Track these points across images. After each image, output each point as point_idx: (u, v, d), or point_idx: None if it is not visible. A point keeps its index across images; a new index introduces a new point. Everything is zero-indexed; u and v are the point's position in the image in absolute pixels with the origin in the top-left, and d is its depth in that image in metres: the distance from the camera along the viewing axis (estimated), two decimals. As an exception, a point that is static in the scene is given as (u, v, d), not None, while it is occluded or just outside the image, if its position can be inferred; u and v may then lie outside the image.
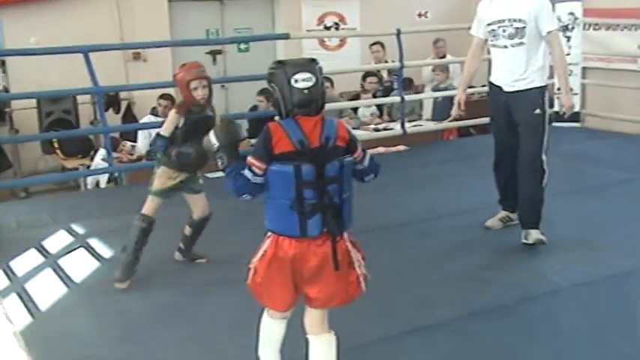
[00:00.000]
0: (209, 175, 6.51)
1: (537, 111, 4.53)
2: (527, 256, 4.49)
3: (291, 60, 2.78)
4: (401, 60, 7.69)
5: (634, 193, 5.58)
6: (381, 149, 7.32)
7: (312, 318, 2.80)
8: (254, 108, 7.99)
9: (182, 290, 4.14)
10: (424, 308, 3.80)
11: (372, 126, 8.15)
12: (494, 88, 4.78)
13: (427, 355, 3.38)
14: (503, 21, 4.56)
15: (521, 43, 4.51)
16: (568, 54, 8.48)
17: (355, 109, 8.54)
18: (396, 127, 7.84)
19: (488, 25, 4.68)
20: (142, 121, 7.83)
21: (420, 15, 10.61)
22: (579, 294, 3.94)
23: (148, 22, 8.61)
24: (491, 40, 4.71)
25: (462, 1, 10.86)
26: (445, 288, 4.06)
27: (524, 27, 4.48)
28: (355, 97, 8.79)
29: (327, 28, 9.91)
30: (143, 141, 7.45)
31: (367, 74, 8.85)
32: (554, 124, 8.61)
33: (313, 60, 2.75)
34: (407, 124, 7.78)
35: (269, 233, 2.75)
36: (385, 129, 7.97)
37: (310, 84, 2.66)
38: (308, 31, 9.78)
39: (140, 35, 8.46)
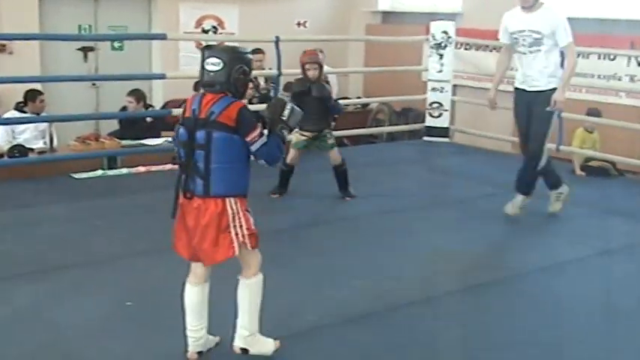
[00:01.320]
0: (76, 175, 6.29)
1: (548, 108, 5.34)
2: (386, 264, 4.60)
3: (214, 46, 3.39)
4: (279, 68, 7.68)
5: (494, 207, 5.81)
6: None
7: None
8: (124, 109, 7.76)
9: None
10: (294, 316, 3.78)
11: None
12: (518, 91, 5.57)
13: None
14: (524, 31, 5.35)
15: (538, 51, 5.30)
16: (440, 71, 8.83)
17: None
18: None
19: (512, 33, 5.45)
20: (4, 116, 7.40)
21: (299, 24, 10.67)
22: (439, 305, 4.05)
23: (15, 15, 8.17)
24: (514, 47, 5.50)
25: (340, 13, 11.03)
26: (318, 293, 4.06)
27: (541, 38, 5.27)
28: (231, 103, 8.66)
29: (206, 32, 9.76)
30: (4, 136, 7.06)
31: (244, 80, 8.75)
32: (425, 138, 8.97)
33: (234, 49, 3.32)
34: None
35: None
36: (261, 136, 7.90)
37: (216, 68, 3.14)
38: (186, 33, 9.60)
39: (7, 28, 8.01)
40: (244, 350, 3.33)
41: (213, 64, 3.14)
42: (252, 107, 8.09)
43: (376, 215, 5.73)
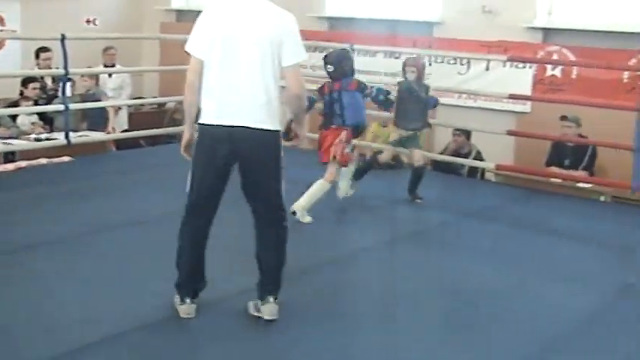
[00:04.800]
0: None
1: None
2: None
3: None
4: (65, 67, 7.27)
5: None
6: (43, 160, 6.85)
7: None
8: None
9: None
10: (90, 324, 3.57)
11: (34, 135, 7.57)
12: None
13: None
14: None
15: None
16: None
17: (14, 117, 7.87)
18: (60, 137, 7.35)
19: None
20: None
21: (88, 21, 10.22)
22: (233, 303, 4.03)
23: None
24: None
25: (132, 11, 10.71)
26: (114, 303, 3.87)
27: None
28: (14, 105, 8.09)
29: (-15, 28, 9.06)
30: None
31: (28, 80, 8.19)
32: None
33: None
34: (72, 134, 7.34)
35: None
36: (48, 139, 7.43)
37: None
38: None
39: None
40: (293, 213, 5.11)
41: None
42: (38, 108, 7.90)
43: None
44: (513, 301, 4.21)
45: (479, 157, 7.78)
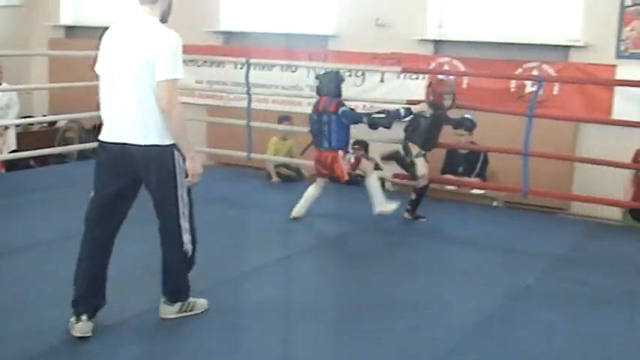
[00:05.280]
0: None
1: None
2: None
3: None
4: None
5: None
6: None
7: None
8: None
9: None
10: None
11: None
12: None
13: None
14: None
15: None
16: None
17: None
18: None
19: None
20: None
21: (-29, 38, 9.78)
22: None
23: None
24: None
25: (19, 27, 10.32)
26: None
27: None
28: None
29: None
30: None
31: None
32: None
33: None
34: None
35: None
36: None
37: None
38: None
39: None
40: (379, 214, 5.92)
41: None
42: None
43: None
44: (414, 307, 4.26)
45: (377, 167, 7.88)
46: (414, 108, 6.21)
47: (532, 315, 4.22)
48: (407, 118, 6.24)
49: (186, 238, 3.74)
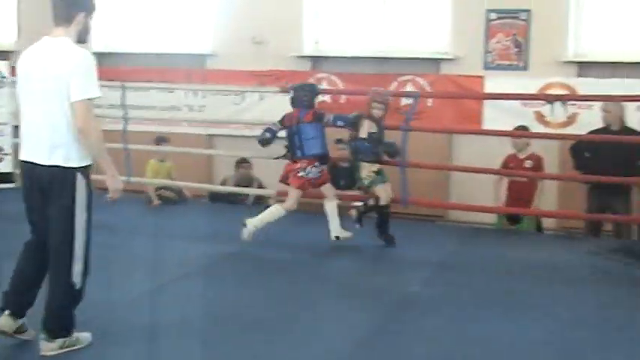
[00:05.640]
0: None
1: None
2: None
3: None
4: None
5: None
6: None
7: None
8: None
9: None
10: None
11: None
12: None
13: None
14: None
15: None
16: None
17: None
18: None
19: None
20: None
21: None
22: None
23: None
24: None
25: None
26: None
27: None
28: None
29: None
30: None
31: None
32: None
33: None
34: None
35: None
36: None
37: None
38: None
39: None
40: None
41: None
42: None
43: None
44: (301, 323, 4.24)
45: (261, 185, 7.87)
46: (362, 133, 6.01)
47: (419, 322, 4.30)
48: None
49: (77, 268, 3.59)
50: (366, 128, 5.96)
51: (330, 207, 6.03)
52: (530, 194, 6.96)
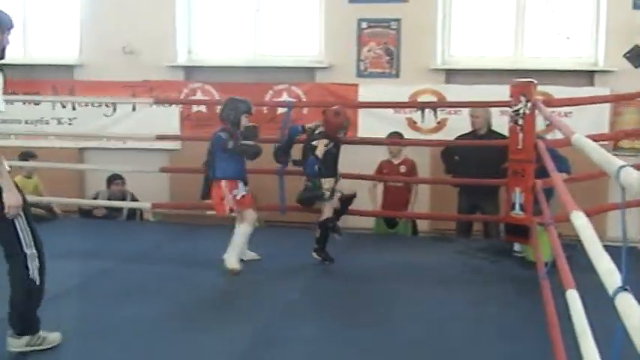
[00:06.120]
0: None
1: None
2: None
3: None
4: None
5: None
6: None
7: None
8: None
9: None
10: None
11: None
12: None
13: None
14: None
15: None
16: None
17: None
18: None
19: None
20: None
21: None
22: None
23: None
24: None
25: None
26: None
27: None
28: None
29: None
30: None
31: None
32: None
33: None
34: None
35: None
36: None
37: None
38: None
39: None
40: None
41: None
42: None
43: None
44: (175, 337, 4.14)
45: (134, 199, 7.67)
46: (319, 151, 5.73)
47: (299, 329, 4.30)
48: None
49: (33, 265, 3.77)
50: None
51: (241, 230, 5.51)
52: (406, 198, 7.14)
